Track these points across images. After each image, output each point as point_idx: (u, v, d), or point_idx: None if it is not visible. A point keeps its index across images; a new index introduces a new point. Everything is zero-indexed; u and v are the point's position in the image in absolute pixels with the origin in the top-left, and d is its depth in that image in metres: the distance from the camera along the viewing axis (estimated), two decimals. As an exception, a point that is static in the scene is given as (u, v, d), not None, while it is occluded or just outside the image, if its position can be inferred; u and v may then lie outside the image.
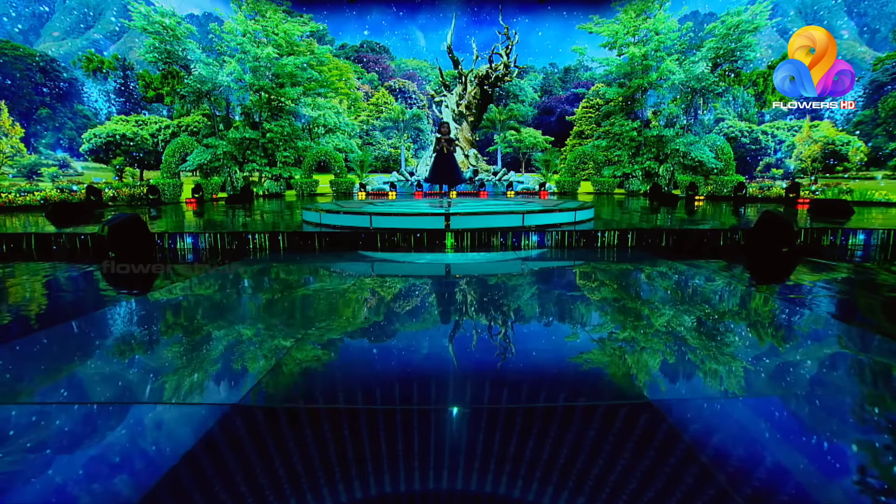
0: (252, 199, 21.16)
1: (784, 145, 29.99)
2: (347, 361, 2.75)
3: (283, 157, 26.16)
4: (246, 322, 3.48)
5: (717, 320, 3.46)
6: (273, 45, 24.59)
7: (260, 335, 3.13)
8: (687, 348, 2.84)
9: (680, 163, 24.06)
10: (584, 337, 3.07)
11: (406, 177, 28.06)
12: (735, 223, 9.05)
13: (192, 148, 22.16)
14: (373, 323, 3.49)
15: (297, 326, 3.32)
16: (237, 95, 24.36)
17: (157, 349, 2.91)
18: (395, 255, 6.54)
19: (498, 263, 5.90)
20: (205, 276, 5.14)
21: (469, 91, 29.67)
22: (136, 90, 31.90)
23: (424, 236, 7.01)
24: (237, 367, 2.60)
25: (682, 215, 11.17)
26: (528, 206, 8.26)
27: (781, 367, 2.58)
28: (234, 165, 24.69)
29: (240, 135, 24.15)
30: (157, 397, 2.25)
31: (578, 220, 8.26)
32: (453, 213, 7.17)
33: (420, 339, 3.06)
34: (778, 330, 3.27)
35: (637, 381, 2.37)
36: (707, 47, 22.04)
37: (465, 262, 5.82)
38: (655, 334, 3.13)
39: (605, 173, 27.16)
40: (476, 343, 2.96)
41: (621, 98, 26.89)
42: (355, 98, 43.51)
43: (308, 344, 2.92)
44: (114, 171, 27.92)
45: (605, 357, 2.72)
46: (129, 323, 3.45)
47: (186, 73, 21.79)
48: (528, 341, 3.12)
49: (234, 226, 9.01)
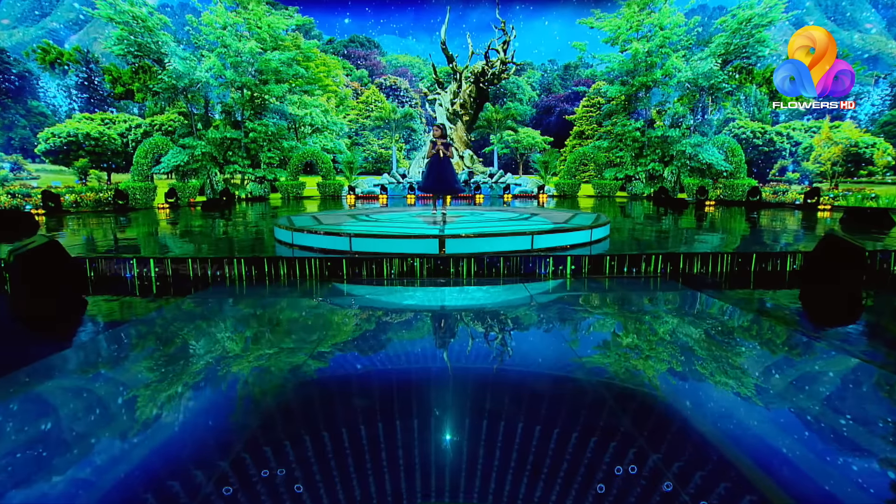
0: (232, 203, 19.95)
1: (801, 147, 29.09)
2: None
3: (267, 159, 24.96)
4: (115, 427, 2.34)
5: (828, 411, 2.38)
6: (256, 39, 23.35)
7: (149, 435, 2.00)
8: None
9: (686, 165, 23.09)
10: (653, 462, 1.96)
11: (398, 179, 26.93)
12: (789, 244, 8.00)
13: (167, 148, 20.85)
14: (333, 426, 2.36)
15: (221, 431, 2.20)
16: (217, 92, 23.09)
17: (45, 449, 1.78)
18: (377, 291, 5.42)
19: (505, 307, 4.78)
20: (114, 333, 3.99)
21: (464, 89, 28.59)
22: (101, 86, 29.99)
23: (416, 264, 5.89)
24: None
25: (698, 225, 10.14)
26: (537, 225, 7.15)
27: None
28: (214, 167, 23.41)
29: (220, 134, 22.90)
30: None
31: (595, 240, 7.18)
32: (449, 234, 6.05)
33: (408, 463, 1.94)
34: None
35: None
36: (716, 43, 21.04)
37: (464, 305, 4.69)
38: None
39: (607, 175, 26.24)
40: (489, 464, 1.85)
41: (624, 97, 25.93)
42: (344, 96, 42.27)
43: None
44: (76, 175, 26.19)
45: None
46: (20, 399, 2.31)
47: (160, 68, 20.42)
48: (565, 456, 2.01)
49: (192, 243, 7.83)
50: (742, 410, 2.42)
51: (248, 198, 24.05)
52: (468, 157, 28.68)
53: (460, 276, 5.88)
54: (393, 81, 52.93)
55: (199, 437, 2.19)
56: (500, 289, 5.38)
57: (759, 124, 30.31)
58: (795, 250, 6.39)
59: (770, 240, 8.08)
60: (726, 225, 11.20)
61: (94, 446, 2.13)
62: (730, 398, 2.57)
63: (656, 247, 6.99)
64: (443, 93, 29.24)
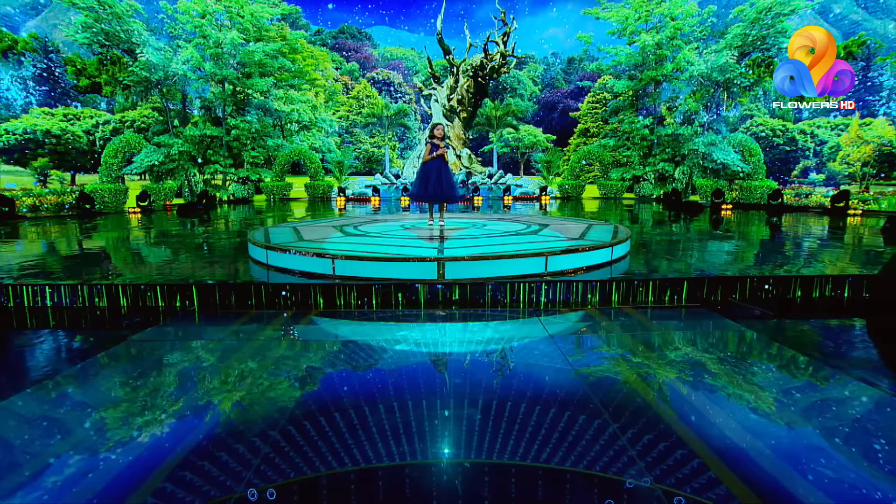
0: (212, 206, 19.09)
1: (826, 146, 28.35)
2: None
3: (250, 158, 24.14)
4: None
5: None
6: (238, 29, 22.52)
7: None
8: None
9: (699, 165, 22.40)
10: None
11: (391, 180, 26.11)
12: (838, 259, 7.23)
13: (140, 147, 19.93)
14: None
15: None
16: (195, 87, 22.23)
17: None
18: (361, 329, 4.59)
19: (520, 355, 3.97)
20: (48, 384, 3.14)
21: (462, 83, 27.81)
22: (63, 78, 28.54)
23: (401, 296, 5.07)
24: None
25: (719, 234, 9.36)
26: (550, 242, 6.35)
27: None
28: (193, 167, 22.53)
29: (199, 132, 22.04)
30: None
31: (615, 259, 6.39)
32: (450, 257, 5.23)
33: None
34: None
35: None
36: (733, 34, 20.32)
37: (468, 352, 3.87)
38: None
39: (613, 176, 25.58)
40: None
41: (632, 92, 25.31)
42: (333, 91, 41.48)
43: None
44: (35, 175, 24.88)
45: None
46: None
47: (131, 59, 19.49)
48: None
49: (152, 259, 6.97)
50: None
51: (231, 200, 23.19)
52: (466, 156, 27.92)
53: (463, 306, 5.08)
54: (386, 75, 52.13)
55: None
56: (511, 325, 4.56)
57: (780, 122, 29.47)
58: (857, 272, 5.61)
59: (812, 254, 7.30)
60: (751, 233, 10.42)
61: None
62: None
63: (682, 264, 6.20)
64: (439, 88, 28.46)
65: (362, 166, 45.33)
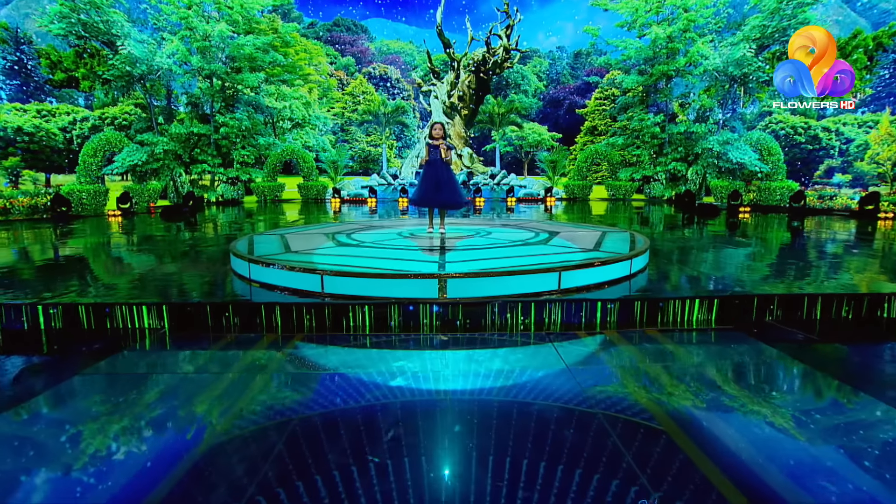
0: (199, 208, 18.75)
1: (853, 145, 27.81)
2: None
3: (240, 157, 23.81)
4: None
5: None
6: (227, 20, 22.20)
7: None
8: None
9: (713, 165, 22.06)
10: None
11: (388, 180, 25.78)
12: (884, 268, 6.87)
13: (122, 145, 19.57)
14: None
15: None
16: (181, 82, 21.87)
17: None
18: (353, 355, 4.21)
19: (535, 391, 3.60)
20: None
21: (462, 79, 27.50)
22: (37, 71, 27.77)
23: (416, 310, 4.71)
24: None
25: (739, 240, 8.98)
26: (561, 256, 5.98)
27: None
28: (179, 167, 22.18)
29: (186, 129, 21.70)
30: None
31: (634, 272, 6.03)
32: (451, 273, 4.85)
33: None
34: None
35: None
36: (751, 25, 19.97)
37: (474, 389, 3.49)
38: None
39: (622, 176, 25.28)
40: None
41: (642, 87, 25.01)
42: (328, 87, 41.13)
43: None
44: (5, 176, 24.31)
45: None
46: None
47: (111, 52, 19.10)
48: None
49: (122, 272, 6.60)
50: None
51: (219, 201, 22.86)
52: (467, 155, 27.60)
53: (467, 328, 4.70)
54: (383, 70, 51.84)
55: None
56: (522, 353, 4.18)
57: (802, 118, 28.94)
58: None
59: (857, 265, 6.92)
60: (778, 240, 10.05)
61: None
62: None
63: (707, 277, 5.83)
64: (439, 84, 28.16)
65: (358, 166, 45.03)
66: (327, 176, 26.87)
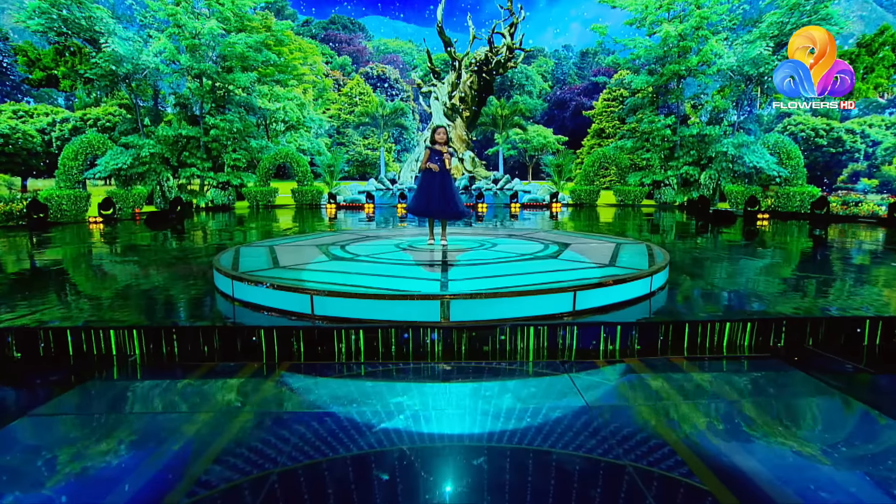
0: (187, 214, 18.47)
1: (880, 148, 27.54)
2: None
3: (231, 161, 23.57)
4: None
5: None
6: (218, 17, 22.03)
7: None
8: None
9: (728, 169, 21.82)
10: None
11: (386, 185, 25.55)
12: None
13: (105, 148, 19.33)
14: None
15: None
16: (169, 81, 21.67)
17: None
18: (345, 388, 3.90)
19: (553, 436, 3.29)
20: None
21: (464, 79, 27.32)
22: (13, 69, 27.37)
23: (416, 334, 4.41)
24: None
25: (762, 250, 8.65)
26: (575, 272, 5.67)
27: None
28: (166, 171, 21.94)
29: (174, 131, 21.47)
30: None
31: (654, 290, 5.73)
32: (455, 294, 4.54)
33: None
34: None
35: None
36: (768, 22, 19.79)
37: (485, 433, 3.17)
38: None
39: (631, 181, 25.04)
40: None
41: (652, 88, 24.81)
42: (323, 87, 41.02)
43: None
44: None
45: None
46: None
47: (94, 50, 18.89)
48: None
49: (92, 289, 6.30)
50: None
51: (209, 207, 22.61)
52: (469, 159, 27.38)
53: (472, 355, 4.39)
54: (380, 70, 51.78)
55: None
56: (535, 387, 3.86)
57: (824, 120, 28.60)
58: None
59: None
60: (806, 250, 9.75)
61: None
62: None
63: (733, 294, 5.52)
64: (439, 84, 27.99)
65: (355, 170, 44.87)
66: (322, 180, 26.65)
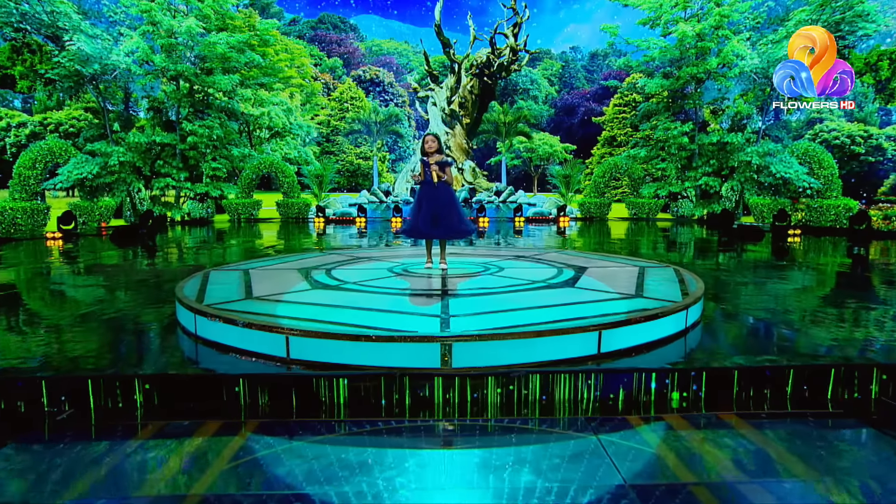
0: (159, 228, 18.04)
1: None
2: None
3: (210, 170, 23.28)
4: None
5: None
6: (196, 15, 21.88)
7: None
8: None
9: (753, 180, 21.57)
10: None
11: (380, 197, 25.25)
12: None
13: (68, 156, 19.06)
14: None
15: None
16: (142, 84, 21.45)
17: None
18: (323, 458, 3.40)
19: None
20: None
21: (464, 83, 27.20)
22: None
23: (411, 385, 3.93)
24: None
25: (806, 271, 8.22)
26: (598, 306, 5.16)
27: None
28: (138, 181, 21.58)
29: (147, 138, 21.18)
30: None
31: (690, 325, 5.27)
32: (458, 335, 4.06)
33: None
34: None
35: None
36: (796, 20, 19.71)
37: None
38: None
39: (645, 193, 24.82)
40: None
41: (667, 93, 24.69)
42: (312, 91, 40.90)
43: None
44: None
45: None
46: None
47: (56, 48, 18.64)
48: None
49: (28, 324, 5.81)
50: None
51: (185, 220, 22.22)
52: (469, 169, 27.14)
53: (477, 410, 3.91)
54: (374, 74, 51.85)
55: None
56: (557, 456, 3.35)
57: (861, 126, 28.46)
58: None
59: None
60: (845, 272, 9.31)
61: None
62: None
63: (784, 328, 5.05)
64: (437, 88, 27.87)
65: (346, 181, 44.67)
66: (310, 192, 26.43)
